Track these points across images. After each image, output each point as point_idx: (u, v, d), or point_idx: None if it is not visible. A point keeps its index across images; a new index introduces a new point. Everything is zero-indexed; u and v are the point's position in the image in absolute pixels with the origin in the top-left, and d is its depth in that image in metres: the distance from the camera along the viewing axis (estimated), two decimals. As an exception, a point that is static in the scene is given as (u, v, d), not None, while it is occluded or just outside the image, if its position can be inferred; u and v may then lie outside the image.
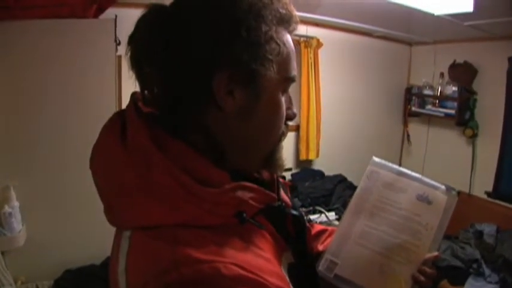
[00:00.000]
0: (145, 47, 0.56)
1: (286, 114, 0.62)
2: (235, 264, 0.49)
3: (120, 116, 0.60)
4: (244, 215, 0.54)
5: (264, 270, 0.53)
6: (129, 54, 0.58)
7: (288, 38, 0.59)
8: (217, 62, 0.53)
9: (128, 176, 0.52)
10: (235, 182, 0.55)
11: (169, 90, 0.56)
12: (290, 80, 0.60)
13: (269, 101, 0.58)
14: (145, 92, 0.60)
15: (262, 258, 0.56)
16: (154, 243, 0.51)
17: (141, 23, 0.57)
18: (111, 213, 0.57)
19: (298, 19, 0.60)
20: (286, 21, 0.58)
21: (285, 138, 0.65)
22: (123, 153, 0.54)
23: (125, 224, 0.56)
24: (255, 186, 0.57)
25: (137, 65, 0.58)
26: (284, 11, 0.57)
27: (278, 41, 0.55)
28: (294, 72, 0.61)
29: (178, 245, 0.49)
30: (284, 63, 0.58)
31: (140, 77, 0.58)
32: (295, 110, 0.65)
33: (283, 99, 0.61)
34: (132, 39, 0.58)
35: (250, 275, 0.49)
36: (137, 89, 0.61)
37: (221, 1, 0.54)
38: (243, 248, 0.54)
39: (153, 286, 0.47)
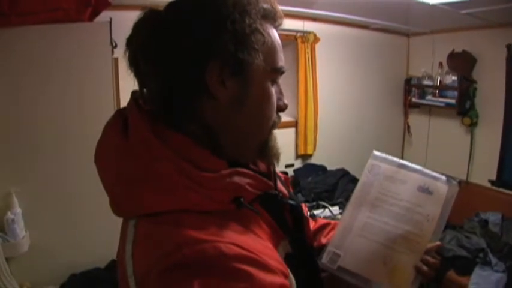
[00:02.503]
0: (142, 46, 0.60)
1: (277, 105, 0.66)
2: (236, 244, 0.51)
3: (121, 113, 0.63)
4: (242, 199, 0.57)
5: (264, 252, 0.55)
6: (127, 54, 0.62)
7: (274, 31, 0.64)
8: (208, 54, 0.57)
9: (130, 167, 0.56)
10: (232, 168, 0.58)
11: (166, 84, 0.59)
12: (278, 70, 0.64)
13: (259, 89, 0.61)
14: (144, 90, 0.63)
15: (260, 243, 0.58)
16: (157, 228, 0.54)
17: (137, 25, 0.61)
18: (116, 205, 0.60)
19: (282, 14, 0.64)
20: (271, 17, 0.63)
21: (275, 127, 0.67)
22: (125, 145, 0.57)
23: (130, 213, 0.59)
24: (251, 172, 0.60)
25: (135, 64, 0.61)
26: (269, 7, 0.61)
27: (263, 32, 0.59)
28: (281, 63, 0.64)
29: (180, 228, 0.52)
30: (270, 53, 0.62)
31: (138, 74, 0.62)
32: (286, 101, 0.68)
33: (273, 89, 0.64)
34: (130, 41, 0.62)
35: (250, 254, 0.52)
36: (136, 88, 0.64)
37: (209, 1, 0.58)
38: (242, 232, 0.57)
39: (157, 269, 0.49)
